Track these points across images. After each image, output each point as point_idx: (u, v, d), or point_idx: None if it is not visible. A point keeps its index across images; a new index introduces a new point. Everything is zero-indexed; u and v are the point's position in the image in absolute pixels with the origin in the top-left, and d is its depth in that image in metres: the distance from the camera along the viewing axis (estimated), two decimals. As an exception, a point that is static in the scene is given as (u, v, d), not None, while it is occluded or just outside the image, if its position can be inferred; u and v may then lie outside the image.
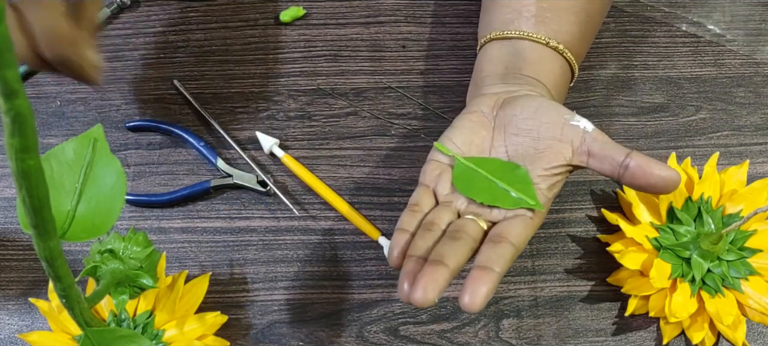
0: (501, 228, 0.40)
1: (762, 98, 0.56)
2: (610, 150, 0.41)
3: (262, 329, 0.50)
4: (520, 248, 0.39)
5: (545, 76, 0.47)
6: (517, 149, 0.43)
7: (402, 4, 0.58)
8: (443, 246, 0.38)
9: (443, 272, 0.36)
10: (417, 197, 0.44)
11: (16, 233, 0.52)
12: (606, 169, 0.41)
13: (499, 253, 0.38)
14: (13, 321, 0.50)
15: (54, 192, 0.32)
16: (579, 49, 0.49)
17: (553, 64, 0.47)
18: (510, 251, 0.38)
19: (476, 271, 0.36)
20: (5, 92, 0.20)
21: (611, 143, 0.41)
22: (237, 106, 0.55)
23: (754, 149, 0.55)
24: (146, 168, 0.54)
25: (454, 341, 0.50)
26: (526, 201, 0.41)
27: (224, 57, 0.57)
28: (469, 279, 0.36)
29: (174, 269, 0.51)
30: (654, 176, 0.40)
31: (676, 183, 0.40)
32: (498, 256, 0.38)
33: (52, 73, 0.42)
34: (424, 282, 0.35)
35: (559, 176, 0.42)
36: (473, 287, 0.35)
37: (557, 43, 0.47)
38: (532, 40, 0.47)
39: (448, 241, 0.39)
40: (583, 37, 0.49)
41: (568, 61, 0.48)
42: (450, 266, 0.37)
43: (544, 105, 0.44)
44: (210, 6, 0.58)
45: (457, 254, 0.38)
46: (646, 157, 0.40)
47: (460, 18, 0.58)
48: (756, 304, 0.46)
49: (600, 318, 0.50)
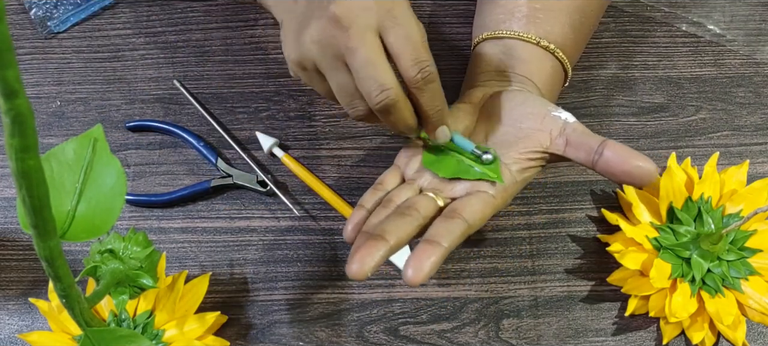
0: (457, 204, 0.40)
1: (762, 98, 0.56)
2: (586, 138, 0.40)
3: (262, 329, 0.50)
4: (475, 225, 0.39)
5: (537, 75, 0.47)
6: (496, 135, 0.44)
7: (402, 4, 0.58)
8: (388, 222, 0.38)
9: (381, 247, 0.36)
10: (383, 176, 0.44)
11: (16, 233, 0.52)
12: (581, 156, 0.40)
13: (450, 228, 0.38)
14: (13, 321, 0.50)
15: (54, 192, 0.32)
16: (572, 50, 0.49)
17: (544, 63, 0.47)
18: (461, 227, 0.38)
19: (423, 244, 0.36)
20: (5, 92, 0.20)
21: (588, 132, 0.41)
22: (237, 106, 0.55)
23: (754, 149, 0.55)
24: (146, 168, 0.54)
25: (454, 341, 0.50)
26: (487, 174, 0.41)
27: (224, 57, 0.57)
28: (414, 252, 0.36)
29: (174, 269, 0.51)
30: (630, 164, 0.38)
31: (652, 175, 0.38)
32: (447, 231, 0.37)
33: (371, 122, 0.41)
34: (361, 255, 0.35)
35: (534, 161, 0.42)
36: (417, 261, 0.35)
37: (548, 43, 0.47)
38: (524, 40, 0.47)
39: (394, 217, 0.39)
40: (576, 38, 0.49)
41: (561, 61, 0.48)
42: (390, 242, 0.36)
43: (530, 99, 0.44)
44: (210, 6, 0.58)
45: (399, 229, 0.37)
46: (623, 146, 0.39)
47: (460, 18, 0.58)
48: (756, 304, 0.46)
49: (600, 318, 0.50)
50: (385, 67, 0.37)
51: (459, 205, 0.40)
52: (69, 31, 0.57)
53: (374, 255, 0.35)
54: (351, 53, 0.37)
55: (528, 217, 0.53)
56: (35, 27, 0.57)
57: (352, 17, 0.37)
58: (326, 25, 0.37)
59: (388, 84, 0.37)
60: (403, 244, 0.37)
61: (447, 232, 0.37)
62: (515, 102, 0.44)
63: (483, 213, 0.40)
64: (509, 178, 0.41)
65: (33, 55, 0.57)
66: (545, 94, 0.47)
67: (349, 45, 0.37)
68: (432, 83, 0.39)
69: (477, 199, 0.40)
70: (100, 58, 0.57)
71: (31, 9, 0.57)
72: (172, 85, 0.56)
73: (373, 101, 0.38)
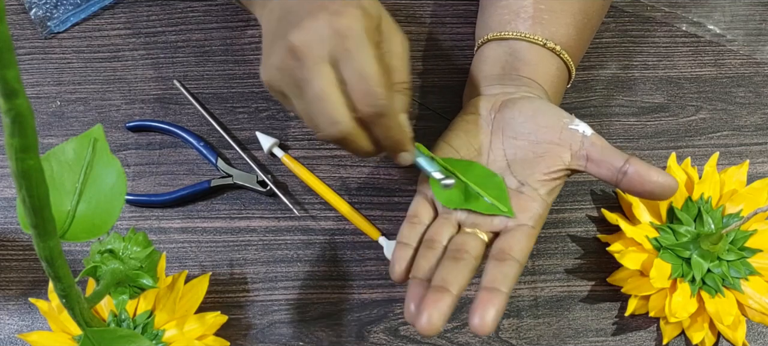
0: (504, 243, 0.40)
1: (762, 98, 0.56)
2: (609, 156, 0.41)
3: (262, 329, 0.50)
4: (524, 262, 0.39)
5: (542, 77, 0.47)
6: (515, 153, 0.43)
7: (402, 4, 0.58)
8: (446, 269, 0.38)
9: (447, 300, 0.36)
10: (415, 208, 0.44)
11: (16, 233, 0.52)
12: (604, 174, 0.41)
13: (505, 272, 0.38)
14: (13, 321, 0.50)
15: (54, 192, 0.32)
16: (576, 50, 0.49)
17: (549, 65, 0.47)
18: (515, 269, 0.38)
19: (484, 293, 0.37)
20: (5, 92, 0.20)
21: (609, 148, 0.41)
22: (237, 106, 0.55)
23: (754, 149, 0.55)
24: (146, 168, 0.54)
25: (454, 341, 0.50)
26: (498, 207, 0.41)
27: (224, 57, 0.57)
28: (477, 302, 0.36)
29: (174, 269, 0.51)
30: (652, 182, 0.40)
31: (673, 190, 0.40)
32: (504, 275, 0.38)
33: (360, 141, 0.40)
34: (429, 311, 0.36)
35: (558, 180, 0.42)
36: (482, 311, 0.36)
37: (554, 44, 0.47)
38: (529, 41, 0.47)
39: (450, 263, 0.39)
40: (580, 39, 0.49)
41: (565, 62, 0.48)
42: (453, 293, 0.37)
43: (542, 108, 0.44)
44: (210, 6, 0.58)
45: (459, 278, 0.38)
46: (644, 163, 0.40)
47: (460, 18, 0.58)
48: (756, 304, 0.46)
49: (600, 318, 0.50)
50: (336, 101, 0.37)
51: (506, 244, 0.40)
52: (69, 31, 0.57)
53: (442, 309, 0.36)
54: (305, 84, 0.37)
55: (528, 217, 0.53)
56: (35, 27, 0.57)
57: (306, 49, 0.37)
58: (285, 55, 0.37)
59: (338, 118, 0.37)
60: (464, 290, 0.38)
61: (504, 276, 0.38)
62: (528, 113, 0.43)
63: (528, 248, 0.40)
64: (542, 204, 0.42)
65: (33, 55, 0.57)
66: (551, 96, 0.47)
67: (303, 76, 0.37)
68: (383, 117, 0.38)
69: (521, 234, 0.40)
70: (100, 58, 0.57)
71: (31, 9, 0.57)
72: (172, 85, 0.56)
73: (324, 133, 0.38)
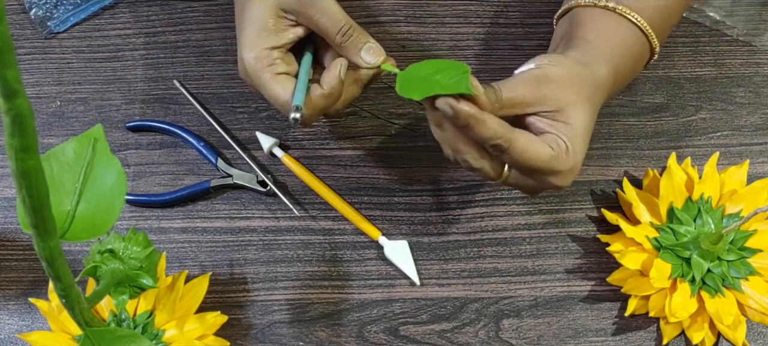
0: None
1: (762, 98, 0.56)
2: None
3: (262, 329, 0.50)
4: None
5: (592, 33, 0.45)
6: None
7: (402, 4, 0.58)
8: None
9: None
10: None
11: (16, 233, 0.52)
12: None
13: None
14: (13, 321, 0.50)
15: (54, 192, 0.32)
16: (655, 17, 0.47)
17: (609, 26, 0.46)
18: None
19: None
20: (5, 92, 0.20)
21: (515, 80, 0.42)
22: (237, 106, 0.55)
23: (754, 149, 0.55)
24: (146, 168, 0.54)
25: (454, 341, 0.50)
26: (457, 86, 0.39)
27: (224, 57, 0.57)
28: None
29: (174, 269, 0.51)
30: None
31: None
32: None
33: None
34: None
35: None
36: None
37: (615, 4, 0.45)
38: (582, 5, 0.46)
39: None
40: (659, 6, 0.47)
41: (638, 25, 0.46)
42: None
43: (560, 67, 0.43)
44: (210, 6, 0.58)
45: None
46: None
47: (460, 18, 0.58)
48: (756, 304, 0.47)
49: (600, 318, 0.50)
50: (280, 97, 0.44)
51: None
52: (69, 31, 0.57)
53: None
54: (261, 90, 0.45)
55: (528, 217, 0.53)
56: (35, 27, 0.57)
57: (248, 66, 0.44)
58: (240, 66, 0.46)
59: (289, 106, 0.43)
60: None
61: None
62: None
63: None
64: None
65: (33, 55, 0.57)
66: (612, 59, 0.45)
67: (256, 86, 0.45)
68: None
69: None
70: (100, 58, 0.57)
71: (31, 9, 0.57)
72: (172, 85, 0.56)
73: (290, 121, 0.43)
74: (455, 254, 0.52)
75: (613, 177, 0.54)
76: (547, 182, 0.42)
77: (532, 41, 0.57)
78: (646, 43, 0.47)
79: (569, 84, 0.42)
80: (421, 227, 0.52)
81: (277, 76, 0.44)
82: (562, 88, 0.41)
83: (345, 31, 0.44)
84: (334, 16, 0.44)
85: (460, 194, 0.53)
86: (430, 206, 0.53)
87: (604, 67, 0.44)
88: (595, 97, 0.43)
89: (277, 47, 0.45)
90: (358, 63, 0.45)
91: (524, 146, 0.39)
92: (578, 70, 0.43)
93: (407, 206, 0.53)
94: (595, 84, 0.43)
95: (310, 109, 0.44)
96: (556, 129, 0.41)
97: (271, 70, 0.44)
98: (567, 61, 0.43)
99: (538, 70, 0.42)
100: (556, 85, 0.41)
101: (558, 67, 0.42)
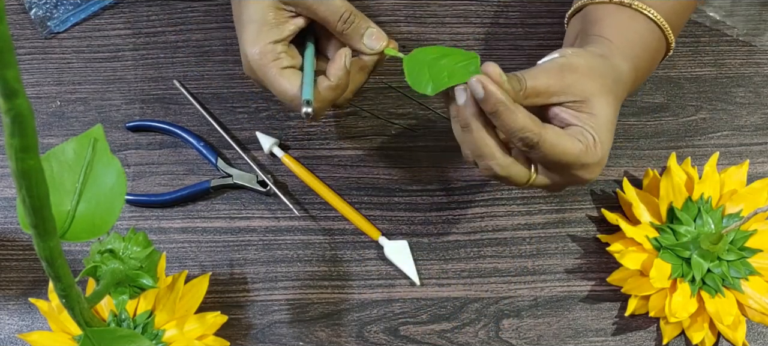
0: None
1: (762, 98, 0.56)
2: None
3: (262, 329, 0.50)
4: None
5: (614, 34, 0.44)
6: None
7: (402, 4, 0.58)
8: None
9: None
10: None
11: (16, 233, 0.52)
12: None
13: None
14: (13, 321, 0.50)
15: (54, 192, 0.32)
16: (670, 14, 0.46)
17: (622, 21, 0.45)
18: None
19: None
20: (5, 92, 0.20)
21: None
22: (237, 106, 0.55)
23: (754, 149, 0.55)
24: (146, 168, 0.54)
25: (454, 341, 0.50)
26: (466, 73, 0.38)
27: (224, 57, 0.57)
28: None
29: (174, 269, 0.51)
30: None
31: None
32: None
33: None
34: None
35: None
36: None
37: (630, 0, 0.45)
38: (596, 3, 0.46)
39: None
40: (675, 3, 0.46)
41: (655, 20, 0.45)
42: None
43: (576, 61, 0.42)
44: (210, 6, 0.58)
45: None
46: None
47: (460, 18, 0.58)
48: (756, 304, 0.47)
49: (600, 318, 0.50)
50: (288, 92, 0.44)
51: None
52: (69, 31, 0.57)
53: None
54: (268, 86, 0.45)
55: (528, 217, 0.53)
56: (35, 27, 0.57)
57: (252, 62, 0.44)
58: (245, 63, 0.45)
59: (298, 101, 0.43)
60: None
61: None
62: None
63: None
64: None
65: (33, 55, 0.57)
66: (629, 55, 0.44)
67: (262, 82, 0.45)
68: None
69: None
70: (100, 58, 0.57)
71: (31, 9, 0.57)
72: (172, 85, 0.56)
73: (302, 115, 0.43)
74: (455, 254, 0.52)
75: (613, 177, 0.54)
76: (575, 176, 0.41)
77: (532, 41, 0.57)
78: (663, 39, 0.46)
79: (593, 75, 0.41)
80: (421, 227, 0.52)
81: (283, 71, 0.44)
82: (587, 78, 0.41)
83: (346, 18, 0.44)
84: (333, 4, 0.44)
85: (460, 194, 0.53)
86: (430, 206, 0.53)
87: (624, 62, 0.44)
88: (618, 90, 0.43)
89: (279, 41, 0.44)
90: (361, 50, 0.45)
91: (554, 140, 0.38)
92: (600, 63, 0.42)
93: (407, 206, 0.53)
94: (617, 77, 0.43)
95: (319, 102, 0.44)
96: (581, 120, 0.40)
97: (277, 65, 0.44)
98: (588, 55, 0.42)
99: (562, 59, 0.41)
100: (580, 75, 0.40)
101: (581, 58, 0.42)
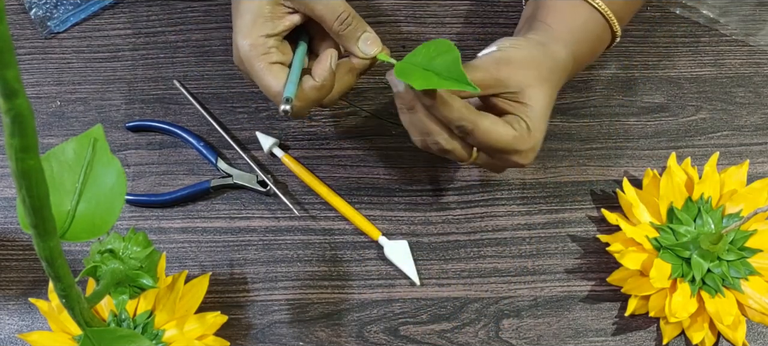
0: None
1: (762, 98, 0.56)
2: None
3: (262, 329, 0.50)
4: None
5: (552, 16, 0.46)
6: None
7: (402, 4, 0.58)
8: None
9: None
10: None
11: (16, 233, 0.52)
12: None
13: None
14: (13, 321, 0.50)
15: (54, 192, 0.32)
16: (621, 6, 0.48)
17: (573, 11, 0.46)
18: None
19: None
20: (5, 92, 0.20)
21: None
22: (237, 106, 0.55)
23: (754, 149, 0.55)
24: (146, 168, 0.54)
25: (454, 341, 0.50)
26: (456, 83, 0.39)
27: (224, 57, 0.57)
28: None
29: (174, 269, 0.51)
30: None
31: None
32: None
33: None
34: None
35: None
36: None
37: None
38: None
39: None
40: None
41: (600, 11, 0.47)
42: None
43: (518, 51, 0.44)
44: (210, 6, 0.58)
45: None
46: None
47: (460, 18, 0.58)
48: (756, 304, 0.47)
49: (600, 318, 0.50)
50: (272, 87, 0.43)
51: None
52: (69, 31, 0.57)
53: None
54: (254, 79, 0.45)
55: (528, 217, 0.53)
56: (35, 27, 0.57)
57: (242, 54, 0.44)
58: (235, 53, 0.45)
59: (281, 98, 0.43)
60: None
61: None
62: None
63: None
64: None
65: (33, 55, 0.57)
66: (573, 44, 0.46)
67: (249, 75, 0.45)
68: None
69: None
70: (100, 58, 0.57)
71: (31, 9, 0.57)
72: (172, 85, 0.56)
73: (280, 112, 0.43)
74: (455, 254, 0.52)
75: (613, 177, 0.54)
76: (510, 160, 0.43)
77: (532, 41, 0.57)
78: (607, 28, 0.48)
79: (528, 66, 0.43)
80: (421, 227, 0.52)
81: (271, 66, 0.44)
82: (522, 70, 0.43)
83: (343, 19, 0.44)
84: (332, 3, 0.44)
85: (460, 194, 0.53)
86: (430, 206, 0.53)
87: (563, 49, 0.46)
88: (554, 78, 0.45)
89: (272, 35, 0.44)
90: (354, 53, 0.45)
91: (488, 128, 0.41)
92: (537, 52, 0.44)
93: (407, 206, 0.53)
94: (554, 66, 0.45)
95: (301, 100, 0.44)
96: (516, 110, 0.43)
97: (266, 59, 0.44)
98: (527, 44, 0.45)
99: (498, 52, 0.43)
100: (515, 68, 0.43)
101: (517, 50, 0.44)
